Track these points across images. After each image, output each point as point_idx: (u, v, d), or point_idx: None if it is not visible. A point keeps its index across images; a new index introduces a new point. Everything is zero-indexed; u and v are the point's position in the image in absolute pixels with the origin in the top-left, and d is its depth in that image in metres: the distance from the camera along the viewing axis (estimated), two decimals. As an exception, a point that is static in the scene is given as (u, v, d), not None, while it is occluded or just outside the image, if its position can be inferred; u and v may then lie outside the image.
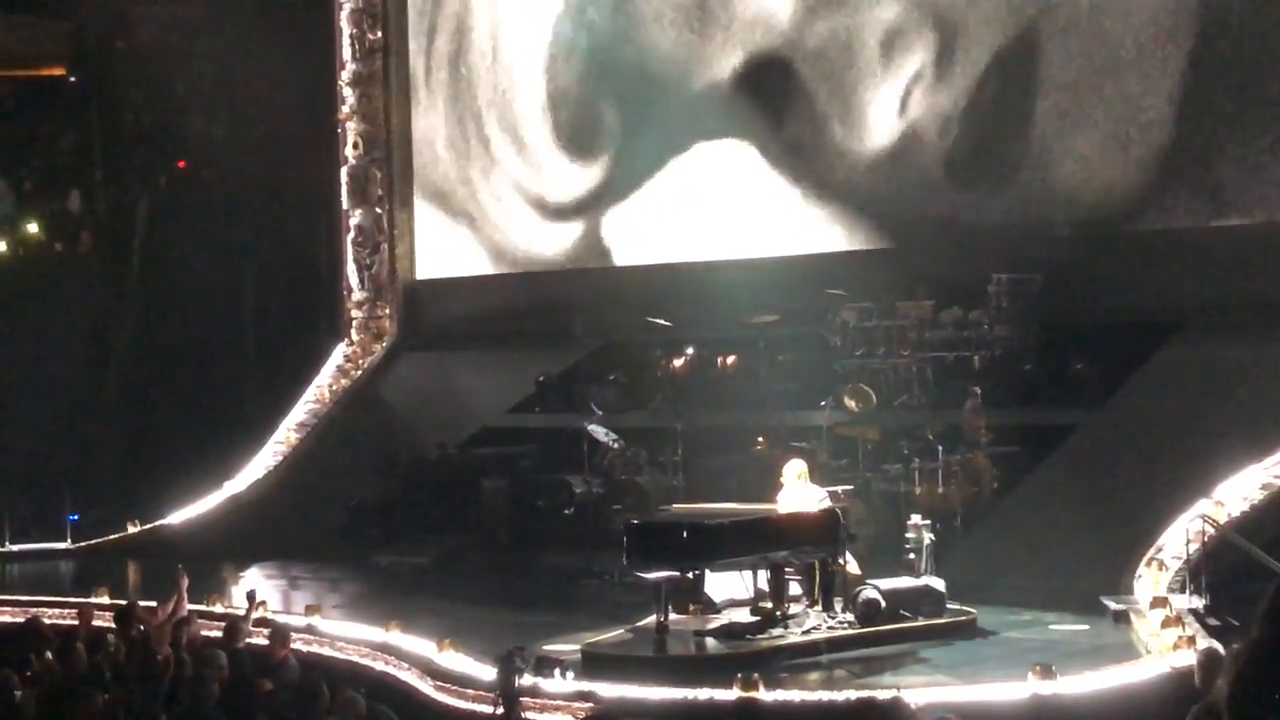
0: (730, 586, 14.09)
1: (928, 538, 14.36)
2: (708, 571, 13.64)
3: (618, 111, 22.89)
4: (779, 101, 21.22)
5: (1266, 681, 2.90)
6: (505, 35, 24.11)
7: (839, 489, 14.85)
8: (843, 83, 20.74)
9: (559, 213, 23.57)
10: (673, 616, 13.54)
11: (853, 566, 13.98)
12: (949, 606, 13.77)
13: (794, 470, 14.13)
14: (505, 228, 24.21)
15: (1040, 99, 19.35)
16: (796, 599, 13.80)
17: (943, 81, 20.01)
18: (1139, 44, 18.67)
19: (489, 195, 24.36)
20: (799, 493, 13.98)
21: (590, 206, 23.24)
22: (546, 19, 23.58)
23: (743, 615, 13.64)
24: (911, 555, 14.39)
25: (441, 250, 25.09)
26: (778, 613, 13.42)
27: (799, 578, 13.87)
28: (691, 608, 13.83)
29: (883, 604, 13.42)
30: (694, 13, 22.10)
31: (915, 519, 14.74)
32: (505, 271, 24.32)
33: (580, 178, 23.36)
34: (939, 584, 13.84)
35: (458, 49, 24.70)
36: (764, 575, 13.83)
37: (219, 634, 13.16)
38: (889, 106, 20.37)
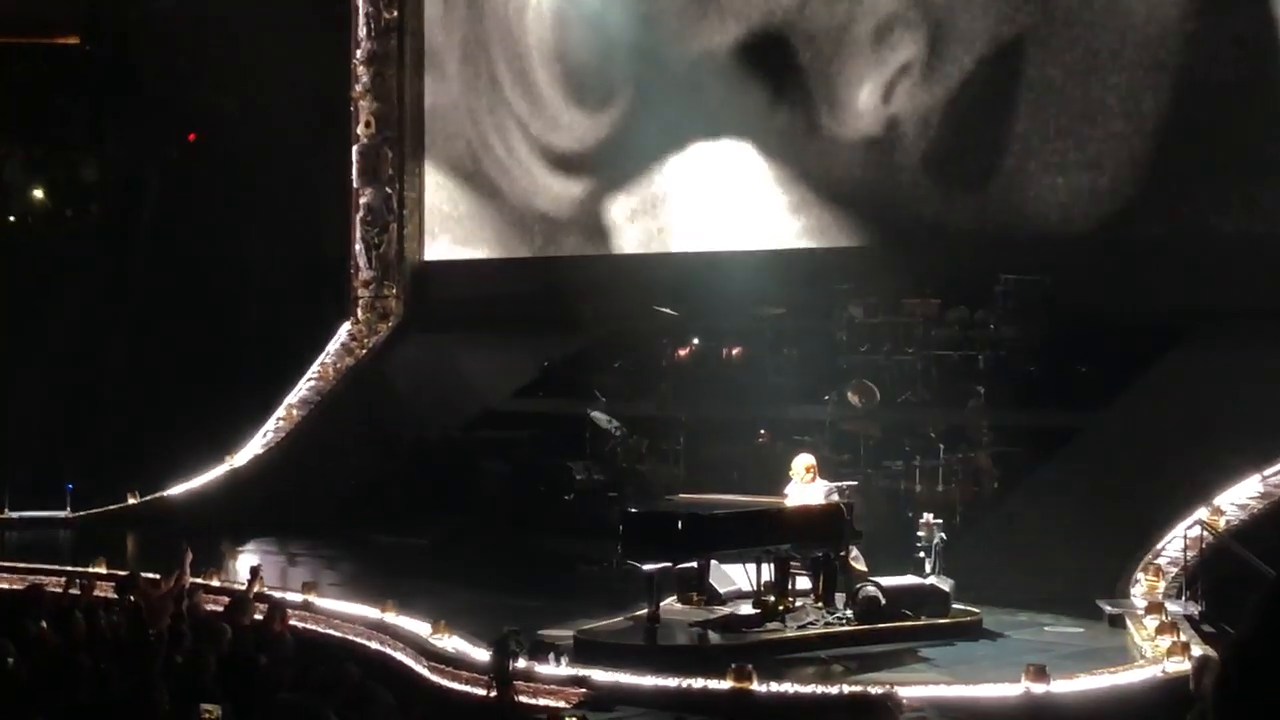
0: (736, 579, 14.08)
1: (939, 536, 14.14)
2: (713, 563, 13.64)
3: (623, 72, 22.97)
4: (774, 81, 21.39)
5: (1252, 679, 2.90)
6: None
7: (844, 484, 14.79)
8: (833, 67, 20.96)
9: (568, 164, 23.71)
10: (676, 607, 13.56)
11: (859, 563, 13.94)
12: (954, 606, 13.69)
13: (802, 464, 14.10)
14: (518, 190, 24.31)
15: (1025, 105, 19.44)
16: (804, 594, 13.77)
17: (928, 79, 20.13)
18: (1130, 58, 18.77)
19: (503, 150, 24.41)
20: (806, 486, 13.97)
21: (596, 167, 23.36)
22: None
23: (746, 608, 13.60)
24: (921, 554, 14.31)
25: (452, 228, 25.14)
26: (779, 607, 13.40)
27: (808, 573, 13.83)
28: (695, 598, 13.83)
29: (883, 602, 13.37)
30: None
31: (927, 517, 14.48)
32: (514, 255, 24.32)
33: (588, 128, 23.45)
34: (946, 584, 13.71)
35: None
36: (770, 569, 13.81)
37: (217, 607, 13.20)
38: (874, 95, 20.57)
